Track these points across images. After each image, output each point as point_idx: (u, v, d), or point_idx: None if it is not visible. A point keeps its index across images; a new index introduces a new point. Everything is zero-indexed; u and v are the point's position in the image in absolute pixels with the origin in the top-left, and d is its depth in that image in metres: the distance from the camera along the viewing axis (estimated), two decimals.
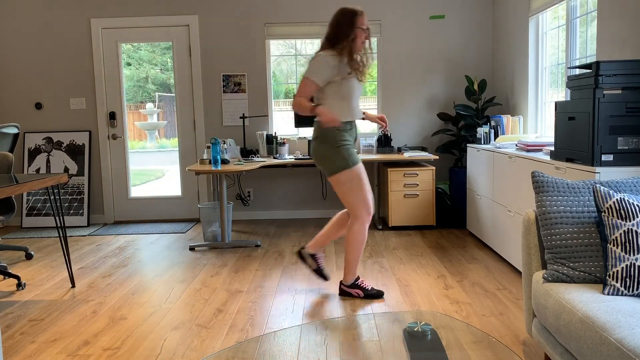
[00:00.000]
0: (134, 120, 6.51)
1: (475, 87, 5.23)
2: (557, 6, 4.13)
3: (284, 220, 5.69)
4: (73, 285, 3.60)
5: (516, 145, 3.93)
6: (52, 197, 5.38)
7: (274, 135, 5.35)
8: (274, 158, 5.15)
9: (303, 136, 5.70)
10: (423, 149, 5.41)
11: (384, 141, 5.33)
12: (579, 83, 2.74)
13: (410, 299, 3.19)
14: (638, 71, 2.60)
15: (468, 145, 4.74)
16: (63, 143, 5.67)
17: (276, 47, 5.79)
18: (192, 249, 4.53)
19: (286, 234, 5.01)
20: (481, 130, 4.58)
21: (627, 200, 1.97)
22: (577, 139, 2.76)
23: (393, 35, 5.55)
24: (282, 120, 5.93)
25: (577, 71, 3.51)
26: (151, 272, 3.89)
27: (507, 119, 4.56)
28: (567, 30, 3.99)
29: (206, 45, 5.59)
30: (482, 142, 4.57)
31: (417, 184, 4.93)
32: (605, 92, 2.59)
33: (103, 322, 2.96)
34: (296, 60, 5.82)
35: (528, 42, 4.60)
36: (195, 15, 5.55)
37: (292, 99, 3.11)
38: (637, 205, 1.95)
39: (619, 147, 2.61)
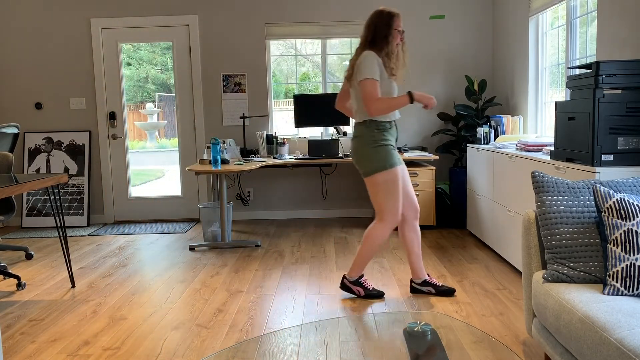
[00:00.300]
0: (134, 120, 6.52)
1: (475, 87, 5.23)
2: (557, 6, 4.13)
3: (284, 220, 5.69)
4: (73, 285, 3.60)
5: (516, 145, 3.93)
6: (52, 197, 5.38)
7: (274, 135, 5.35)
8: (274, 158, 5.15)
9: (303, 136, 5.70)
10: (423, 149, 5.41)
11: None
12: (579, 83, 2.74)
13: (410, 299, 3.19)
14: (638, 71, 2.60)
15: (468, 145, 4.74)
16: (63, 143, 5.67)
17: (276, 47, 5.79)
18: (192, 249, 4.53)
19: (286, 234, 5.01)
20: (481, 130, 4.58)
21: (627, 200, 1.97)
22: (577, 139, 2.76)
23: None
24: (282, 120, 5.94)
25: (577, 71, 3.50)
26: (151, 272, 3.89)
27: (507, 119, 4.56)
28: (567, 30, 3.99)
29: (206, 45, 5.59)
30: (482, 142, 4.57)
31: (417, 184, 4.92)
32: (605, 92, 2.59)
33: (103, 322, 2.96)
34: (296, 60, 5.82)
35: (528, 42, 4.60)
36: (195, 15, 5.55)
37: (368, 109, 2.92)
38: (637, 205, 1.95)
39: (619, 147, 2.61)
